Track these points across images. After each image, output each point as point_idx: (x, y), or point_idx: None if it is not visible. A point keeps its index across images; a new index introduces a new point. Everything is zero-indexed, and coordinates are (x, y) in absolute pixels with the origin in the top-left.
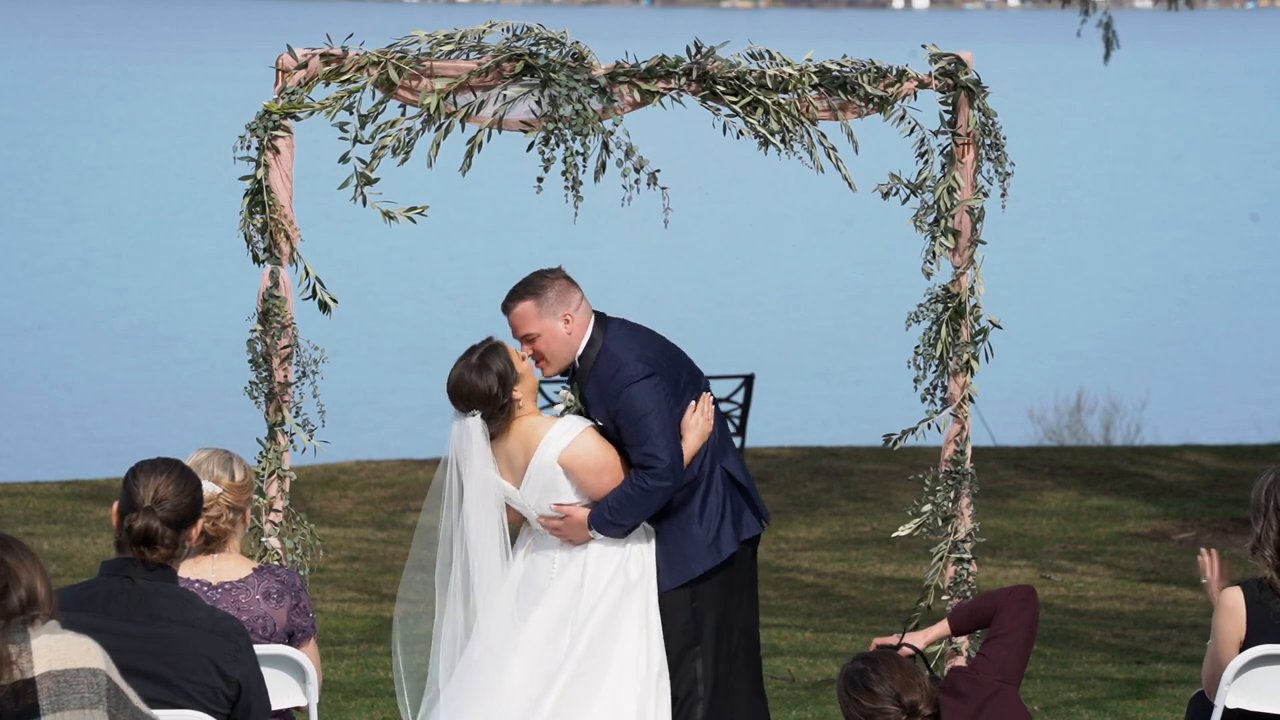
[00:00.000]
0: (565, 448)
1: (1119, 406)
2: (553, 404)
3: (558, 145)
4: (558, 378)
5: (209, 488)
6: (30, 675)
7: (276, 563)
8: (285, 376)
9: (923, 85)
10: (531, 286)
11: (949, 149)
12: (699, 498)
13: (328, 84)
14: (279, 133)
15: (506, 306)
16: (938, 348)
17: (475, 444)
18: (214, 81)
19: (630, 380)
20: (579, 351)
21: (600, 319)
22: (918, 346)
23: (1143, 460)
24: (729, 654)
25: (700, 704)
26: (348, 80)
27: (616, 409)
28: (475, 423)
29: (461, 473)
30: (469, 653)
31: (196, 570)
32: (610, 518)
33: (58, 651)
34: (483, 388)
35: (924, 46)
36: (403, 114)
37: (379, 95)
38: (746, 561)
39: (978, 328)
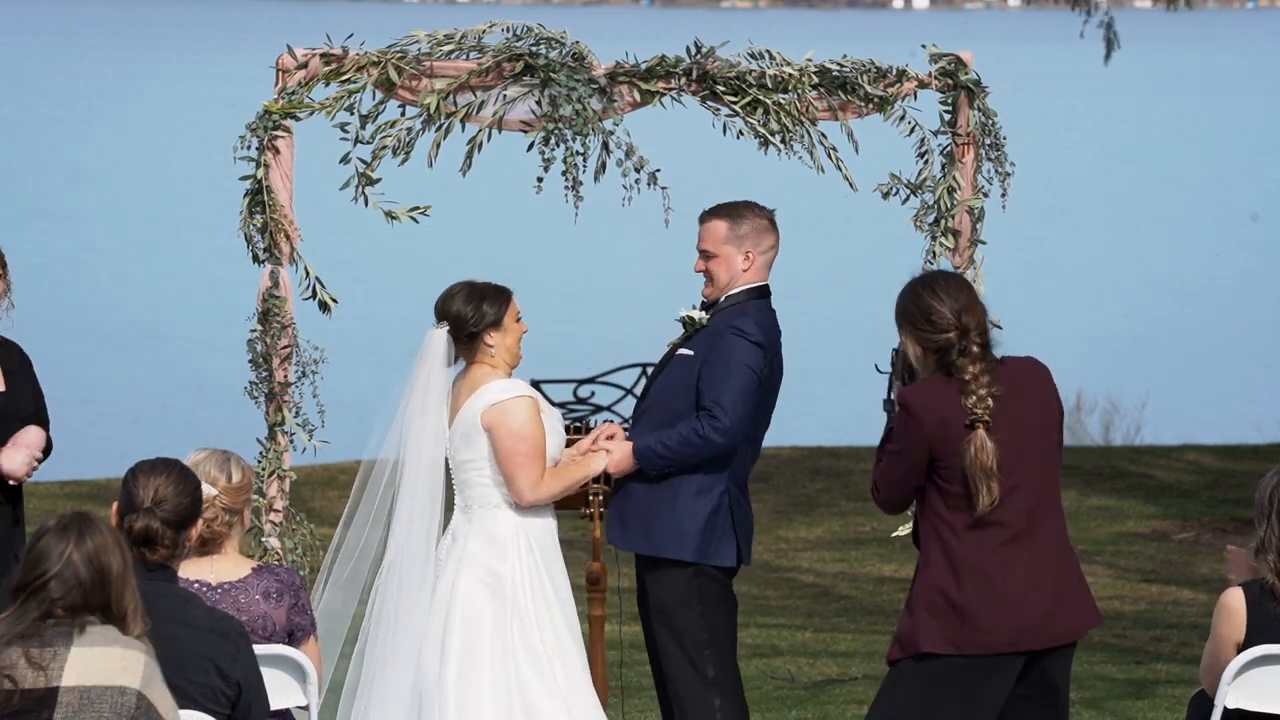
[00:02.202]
0: (495, 403)
1: (1119, 406)
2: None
3: (558, 145)
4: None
5: (204, 489)
6: (56, 685)
7: (276, 562)
8: (285, 376)
9: (923, 85)
10: (734, 210)
11: (949, 149)
12: (695, 494)
13: (328, 84)
14: (279, 133)
15: (704, 217)
16: None
17: (434, 350)
18: (214, 81)
19: (742, 333)
20: (731, 290)
21: (763, 289)
22: None
23: (1143, 460)
24: (732, 661)
25: (718, 702)
26: (348, 80)
27: (715, 344)
28: (441, 334)
29: (414, 381)
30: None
31: (196, 571)
32: (662, 451)
33: (92, 666)
34: (458, 309)
35: (924, 46)
36: (403, 114)
37: (379, 95)
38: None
39: None
